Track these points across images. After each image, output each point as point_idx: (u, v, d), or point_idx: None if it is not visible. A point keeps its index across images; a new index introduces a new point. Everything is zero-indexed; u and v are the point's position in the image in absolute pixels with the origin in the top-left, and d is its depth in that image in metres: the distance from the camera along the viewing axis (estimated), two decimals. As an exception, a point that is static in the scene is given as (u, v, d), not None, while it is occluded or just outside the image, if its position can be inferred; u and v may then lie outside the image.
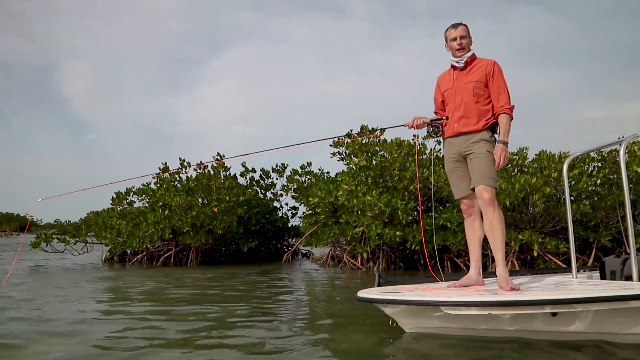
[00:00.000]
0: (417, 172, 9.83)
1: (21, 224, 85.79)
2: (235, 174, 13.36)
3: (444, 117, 4.12)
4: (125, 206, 12.76)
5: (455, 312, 3.30)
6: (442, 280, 4.37)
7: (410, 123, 4.12)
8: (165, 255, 11.98)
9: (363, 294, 3.63)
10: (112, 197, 12.60)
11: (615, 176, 9.12)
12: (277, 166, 14.67)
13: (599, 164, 9.51)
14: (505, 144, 3.80)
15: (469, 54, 3.99)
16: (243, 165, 14.33)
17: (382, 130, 11.47)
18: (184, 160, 12.74)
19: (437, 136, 4.12)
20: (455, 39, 3.98)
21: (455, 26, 4.01)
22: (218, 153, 12.82)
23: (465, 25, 4.00)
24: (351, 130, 11.67)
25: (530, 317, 3.30)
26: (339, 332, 3.75)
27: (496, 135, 3.97)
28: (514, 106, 3.88)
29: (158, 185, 12.69)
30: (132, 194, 12.65)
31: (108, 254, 12.67)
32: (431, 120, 4.11)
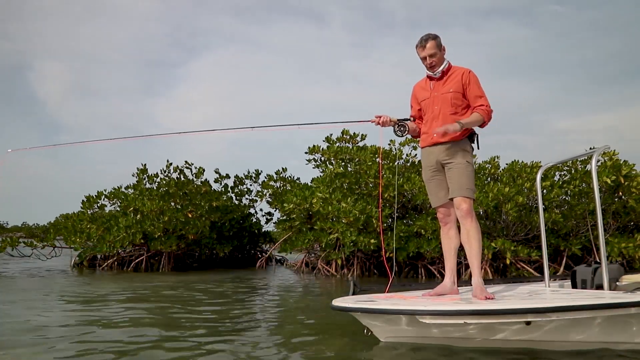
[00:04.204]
0: (381, 178, 9.87)
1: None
2: (207, 180, 13.22)
3: (412, 118, 4.18)
4: (96, 210, 12.50)
5: (430, 321, 3.29)
6: (392, 276, 4.35)
7: (376, 120, 4.12)
8: (137, 261, 11.75)
9: (338, 302, 3.59)
10: (83, 200, 12.33)
11: (584, 186, 9.31)
12: (249, 173, 14.60)
13: (569, 175, 9.70)
14: (461, 125, 3.69)
15: (444, 64, 3.99)
16: (216, 172, 14.18)
17: (358, 137, 11.45)
18: (171, 163, 12.57)
19: (403, 135, 4.15)
20: (425, 58, 3.95)
21: (422, 45, 3.92)
22: (185, 161, 12.77)
23: (433, 39, 3.91)
24: (330, 135, 11.68)
25: (505, 326, 3.31)
26: (314, 341, 3.71)
27: (474, 145, 4.00)
28: (492, 110, 3.88)
29: (133, 188, 12.47)
30: (103, 197, 12.41)
31: (77, 258, 12.34)
32: (398, 120, 4.13)
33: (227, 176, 14.31)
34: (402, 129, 4.11)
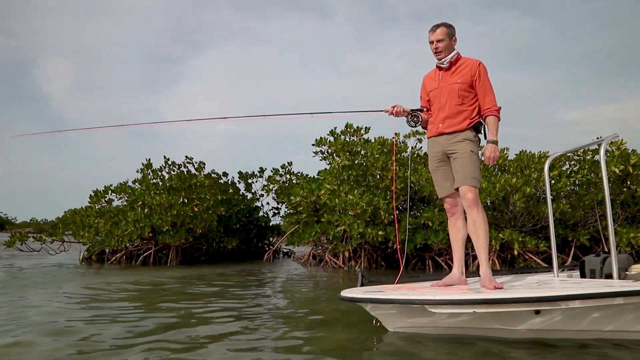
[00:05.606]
0: (395, 169, 9.85)
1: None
2: (211, 173, 13.26)
3: (424, 109, 4.18)
4: (104, 204, 12.57)
5: (439, 311, 3.29)
6: (402, 267, 4.38)
7: (390, 109, 4.12)
8: (145, 255, 11.82)
9: (347, 293, 3.60)
10: (90, 195, 12.40)
11: (593, 176, 9.25)
12: (253, 172, 14.66)
13: (577, 165, 9.64)
14: (495, 142, 3.80)
15: (453, 53, 3.98)
16: (223, 174, 14.11)
17: (367, 129, 11.44)
18: (168, 159, 12.63)
19: (416, 126, 4.16)
20: (432, 42, 3.98)
21: (433, 29, 3.97)
22: (186, 156, 12.89)
23: (445, 27, 3.94)
24: (335, 129, 11.68)
25: (514, 316, 3.31)
26: (322, 332, 3.72)
27: (480, 135, 3.98)
28: (500, 107, 3.89)
29: (139, 182, 12.55)
30: (110, 192, 12.48)
31: (86, 253, 12.43)
32: (411, 110, 4.13)
33: (225, 174, 14.25)
34: (415, 119, 4.12)
